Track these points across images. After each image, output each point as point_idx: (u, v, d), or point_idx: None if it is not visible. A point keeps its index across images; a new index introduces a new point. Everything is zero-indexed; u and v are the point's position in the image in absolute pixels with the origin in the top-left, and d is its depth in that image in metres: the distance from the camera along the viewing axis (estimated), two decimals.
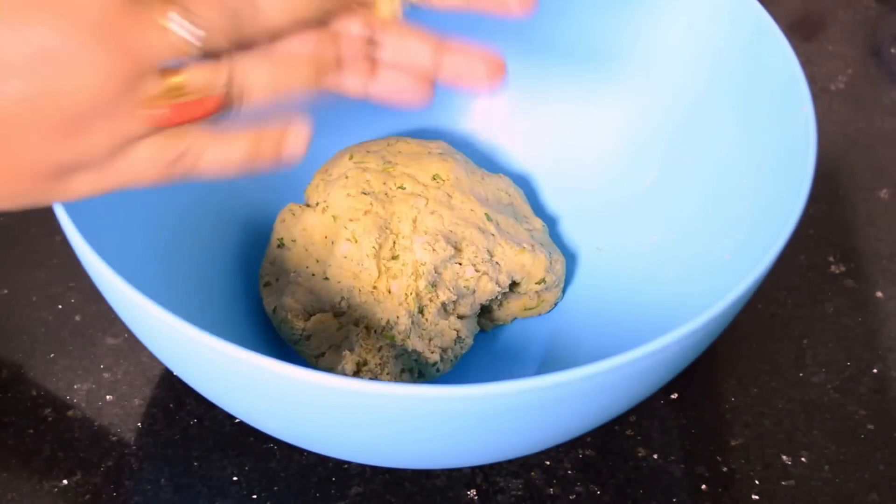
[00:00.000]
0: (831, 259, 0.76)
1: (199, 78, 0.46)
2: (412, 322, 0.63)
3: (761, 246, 0.56)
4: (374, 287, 0.64)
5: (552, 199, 0.75)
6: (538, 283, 0.67)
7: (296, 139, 0.50)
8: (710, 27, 0.69)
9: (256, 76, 0.48)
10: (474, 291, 0.65)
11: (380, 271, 0.64)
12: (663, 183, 0.71)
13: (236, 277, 0.70)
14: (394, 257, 0.64)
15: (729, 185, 0.66)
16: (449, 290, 0.64)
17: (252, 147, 0.49)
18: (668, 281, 0.67)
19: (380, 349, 0.63)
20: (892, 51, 0.90)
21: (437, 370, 0.65)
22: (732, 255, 0.63)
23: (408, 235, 0.64)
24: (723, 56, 0.68)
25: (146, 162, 0.47)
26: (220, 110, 0.48)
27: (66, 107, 0.44)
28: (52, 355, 0.69)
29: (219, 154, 0.49)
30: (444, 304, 0.65)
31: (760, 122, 0.65)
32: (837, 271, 0.76)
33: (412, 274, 0.64)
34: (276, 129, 0.50)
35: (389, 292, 0.64)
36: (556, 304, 0.70)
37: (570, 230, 0.74)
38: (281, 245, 0.67)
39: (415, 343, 0.63)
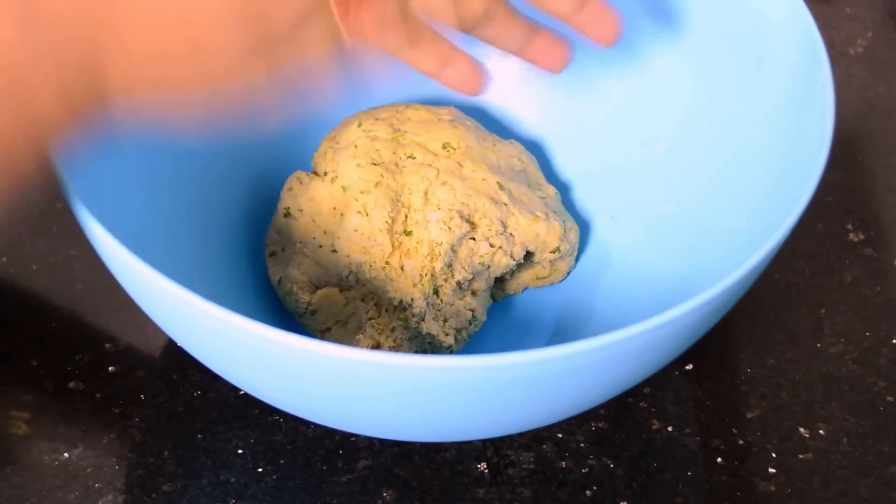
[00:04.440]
0: (849, 227, 0.76)
1: None
2: (427, 304, 0.62)
3: (778, 214, 0.55)
4: (387, 263, 0.63)
5: (564, 166, 0.75)
6: (552, 251, 0.66)
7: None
8: None
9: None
10: (489, 267, 0.64)
11: (393, 246, 0.63)
12: (678, 149, 0.70)
13: (242, 246, 0.69)
14: (406, 232, 0.63)
15: (745, 151, 0.66)
16: (464, 268, 0.63)
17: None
18: (682, 249, 0.67)
19: (393, 330, 0.62)
20: None
21: (451, 350, 0.64)
22: (748, 223, 0.62)
23: (419, 209, 0.63)
24: (738, 19, 0.67)
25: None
26: None
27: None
28: (53, 325, 0.68)
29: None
30: (459, 283, 0.64)
31: (777, 87, 0.65)
32: (856, 239, 0.75)
33: (428, 254, 0.62)
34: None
35: (402, 269, 0.63)
36: (568, 274, 0.69)
37: (583, 198, 0.73)
38: (287, 214, 0.66)
39: (430, 326, 0.63)
